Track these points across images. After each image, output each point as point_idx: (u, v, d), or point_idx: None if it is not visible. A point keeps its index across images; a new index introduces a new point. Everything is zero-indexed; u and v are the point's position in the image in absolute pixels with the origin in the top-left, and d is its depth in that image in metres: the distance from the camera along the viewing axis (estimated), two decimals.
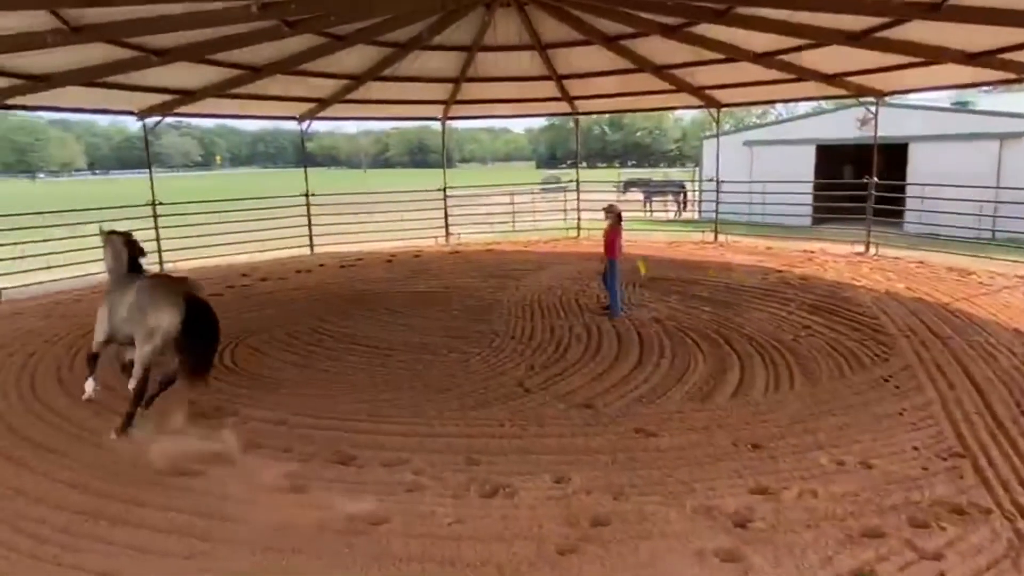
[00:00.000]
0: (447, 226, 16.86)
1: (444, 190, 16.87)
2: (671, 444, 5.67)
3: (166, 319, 5.58)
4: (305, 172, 15.82)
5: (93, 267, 11.54)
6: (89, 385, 6.18)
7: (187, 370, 5.66)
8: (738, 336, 8.17)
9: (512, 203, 20.18)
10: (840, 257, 13.14)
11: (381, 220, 17.06)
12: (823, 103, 19.70)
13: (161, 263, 13.37)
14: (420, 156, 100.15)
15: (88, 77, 10.02)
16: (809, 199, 18.50)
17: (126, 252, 6.11)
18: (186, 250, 14.04)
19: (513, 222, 18.70)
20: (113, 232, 6.30)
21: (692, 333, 8.29)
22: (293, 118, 14.81)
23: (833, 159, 20.51)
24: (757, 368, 7.19)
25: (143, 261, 6.15)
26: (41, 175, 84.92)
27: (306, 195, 15.43)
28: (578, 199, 17.44)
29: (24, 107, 10.54)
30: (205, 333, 5.66)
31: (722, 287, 10.60)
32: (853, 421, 5.96)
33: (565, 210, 17.93)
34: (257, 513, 4.88)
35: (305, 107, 14.43)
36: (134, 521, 4.89)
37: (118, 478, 5.29)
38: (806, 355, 7.52)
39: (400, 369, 7.38)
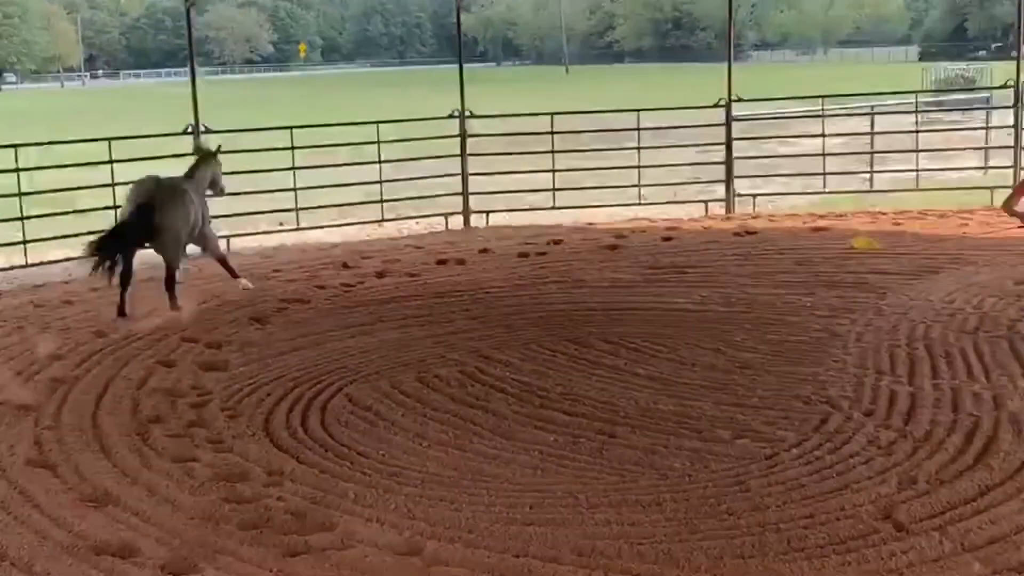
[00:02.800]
0: (730, 180, 15.30)
1: (728, 105, 15.13)
2: None
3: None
4: (460, 73, 14.73)
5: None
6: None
7: None
8: None
9: (871, 131, 17.60)
10: None
11: (596, 166, 16.07)
12: None
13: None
14: (677, 39, 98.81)
15: None
16: None
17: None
18: (243, 218, 13.87)
19: (871, 171, 16.65)
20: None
21: None
22: None
23: None
24: None
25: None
26: (11, 78, 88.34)
27: (460, 115, 14.65)
28: (1020, 122, 14.74)
29: None
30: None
31: None
32: None
33: (987, 147, 16.45)
34: None
35: None
36: None
37: None
38: None
39: (631, 467, 6.12)
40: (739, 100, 15.04)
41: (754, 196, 15.66)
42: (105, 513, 5.41)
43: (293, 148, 13.77)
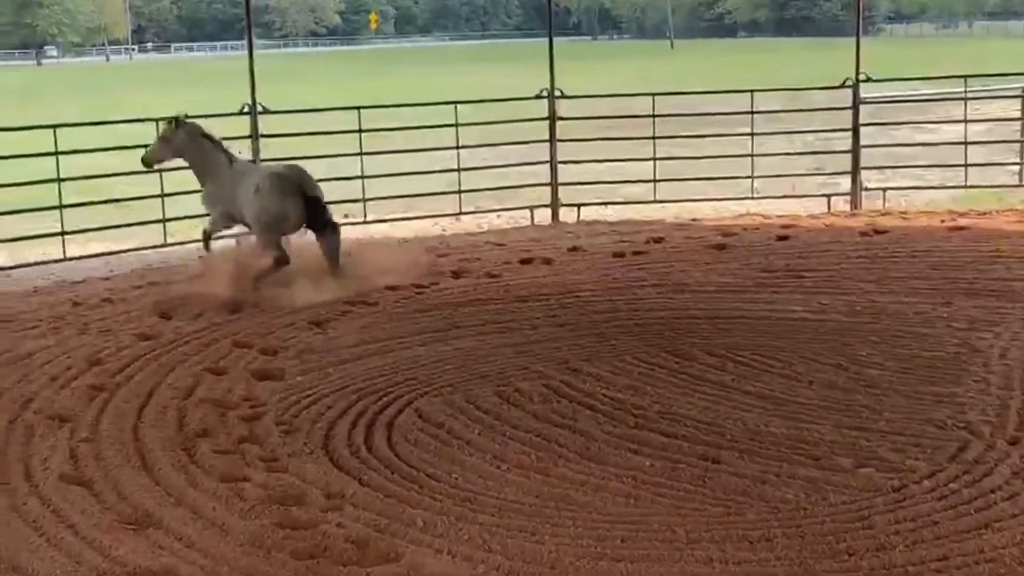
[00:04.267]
0: (856, 172, 15.23)
1: (855, 86, 15.08)
2: None
3: None
4: (551, 47, 14.83)
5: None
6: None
7: None
8: None
9: (1022, 117, 17.32)
10: None
11: (703, 155, 16.05)
12: None
13: None
14: (797, 10, 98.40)
15: None
16: None
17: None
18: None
19: (1021, 163, 16.45)
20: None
21: None
22: None
23: None
24: None
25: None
26: (52, 51, 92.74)
27: (549, 95, 14.71)
28: None
29: None
30: None
31: None
32: None
33: None
34: None
35: None
36: None
37: None
38: None
39: (738, 498, 6.14)
40: (868, 80, 14.89)
41: (884, 190, 15.56)
42: (145, 537, 5.54)
43: (360, 131, 13.95)
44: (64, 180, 12.21)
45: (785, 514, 5.80)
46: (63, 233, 12.25)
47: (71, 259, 12.25)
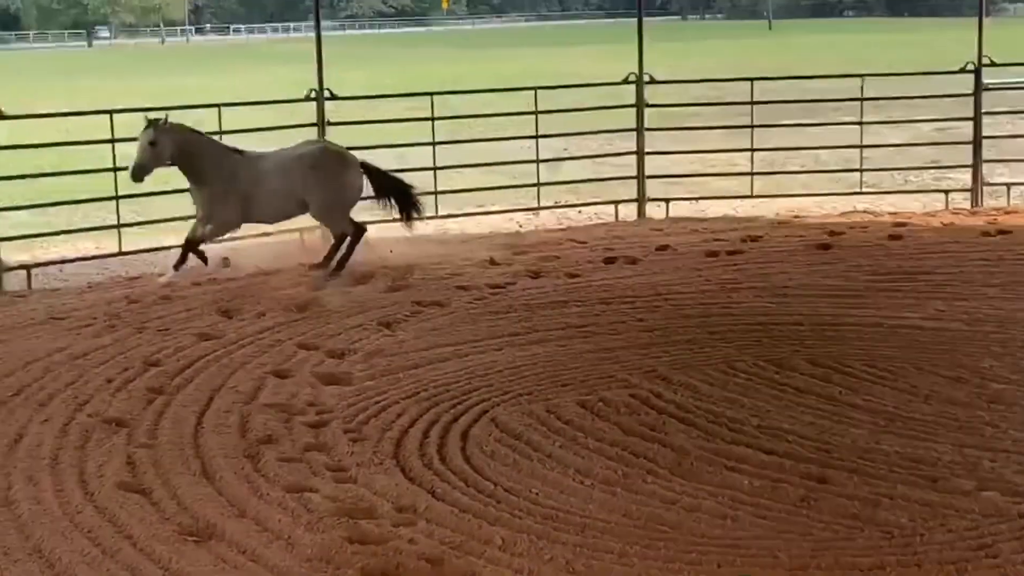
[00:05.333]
0: (977, 165, 15.11)
1: (977, 70, 14.99)
2: None
3: None
4: (640, 28, 14.74)
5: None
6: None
7: None
8: None
9: None
10: None
11: (806, 146, 16.10)
12: None
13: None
14: None
15: None
16: None
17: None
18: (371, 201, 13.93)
19: None
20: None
21: None
22: None
23: None
24: None
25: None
26: (103, 32, 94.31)
27: (637, 80, 14.62)
28: None
29: None
30: None
31: None
32: None
33: None
34: None
35: None
36: None
37: None
38: None
39: (846, 522, 6.08)
40: (991, 64, 14.71)
41: (1008, 185, 15.39)
42: (207, 549, 5.64)
43: (433, 119, 14.06)
44: (120, 169, 12.38)
45: (899, 540, 5.76)
46: (119, 226, 12.48)
47: (127, 253, 12.48)
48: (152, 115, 11.22)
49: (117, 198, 12.37)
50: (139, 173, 11.03)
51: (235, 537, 5.75)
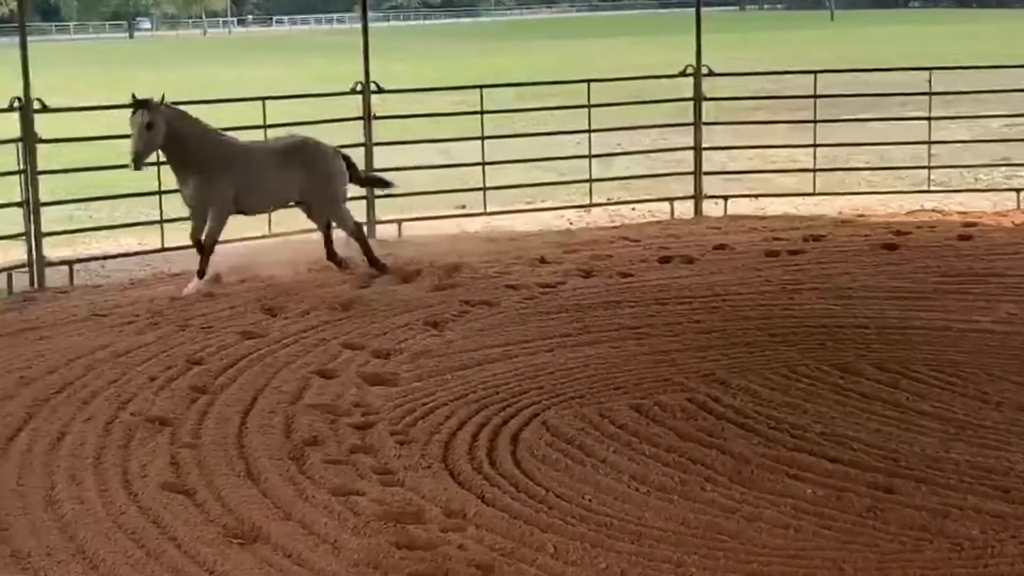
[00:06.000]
0: None
1: None
2: None
3: None
4: (698, 17, 14.80)
5: None
6: None
7: None
8: None
9: None
10: None
11: (871, 141, 15.93)
12: None
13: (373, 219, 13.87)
14: None
15: None
16: None
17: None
18: (416, 198, 14.11)
19: None
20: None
21: None
22: None
23: None
24: None
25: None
26: (145, 24, 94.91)
27: (695, 73, 14.66)
28: None
29: None
30: None
31: None
32: None
33: None
34: None
35: None
36: None
37: None
38: None
39: (914, 533, 6.09)
40: None
41: None
42: (252, 552, 5.70)
43: (482, 112, 14.12)
44: (164, 164, 12.49)
45: (969, 553, 5.73)
46: (162, 221, 12.60)
47: (169, 249, 12.57)
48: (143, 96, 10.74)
49: (160, 193, 12.46)
50: (140, 160, 10.63)
51: (280, 540, 5.80)
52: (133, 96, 10.65)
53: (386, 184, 12.41)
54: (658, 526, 6.03)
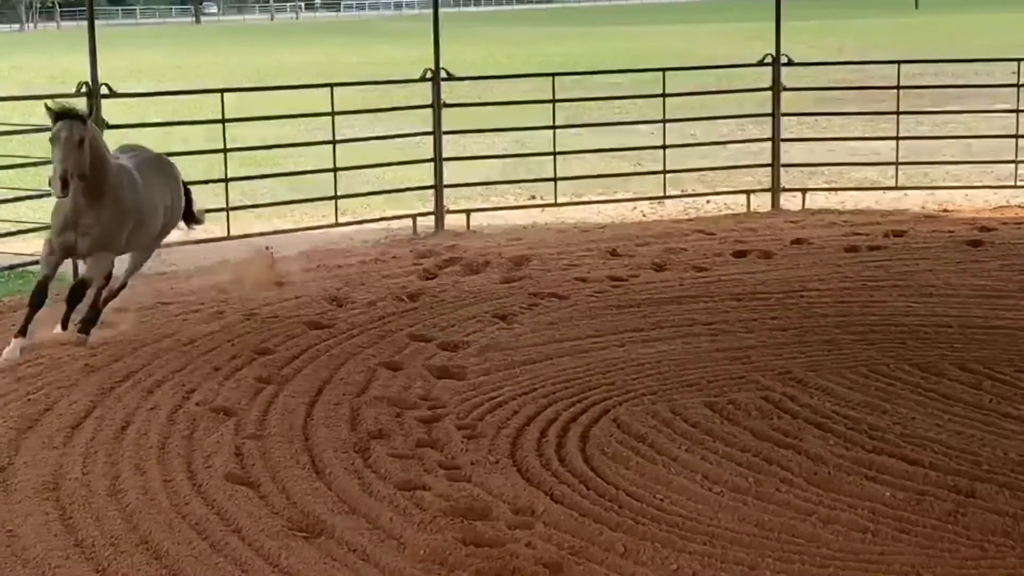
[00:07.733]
0: None
1: None
2: None
3: None
4: (778, 4, 14.74)
5: None
6: None
7: None
8: None
9: None
10: None
11: (955, 134, 16.31)
12: None
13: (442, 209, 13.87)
14: None
15: None
16: None
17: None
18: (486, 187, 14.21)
19: None
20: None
21: None
22: None
23: None
24: None
25: None
26: (211, 8, 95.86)
27: (774, 62, 14.64)
28: None
29: None
30: None
31: None
32: None
33: None
34: None
35: None
36: None
37: None
38: None
39: (996, 539, 6.03)
40: None
41: None
42: (317, 546, 5.75)
43: (554, 101, 14.10)
44: (231, 150, 12.63)
45: None
46: (227, 209, 12.75)
47: (235, 237, 12.76)
48: (54, 103, 8.74)
49: (227, 180, 12.62)
50: (66, 185, 8.36)
51: (345, 535, 5.84)
52: (47, 105, 8.72)
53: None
54: (731, 527, 6.01)
